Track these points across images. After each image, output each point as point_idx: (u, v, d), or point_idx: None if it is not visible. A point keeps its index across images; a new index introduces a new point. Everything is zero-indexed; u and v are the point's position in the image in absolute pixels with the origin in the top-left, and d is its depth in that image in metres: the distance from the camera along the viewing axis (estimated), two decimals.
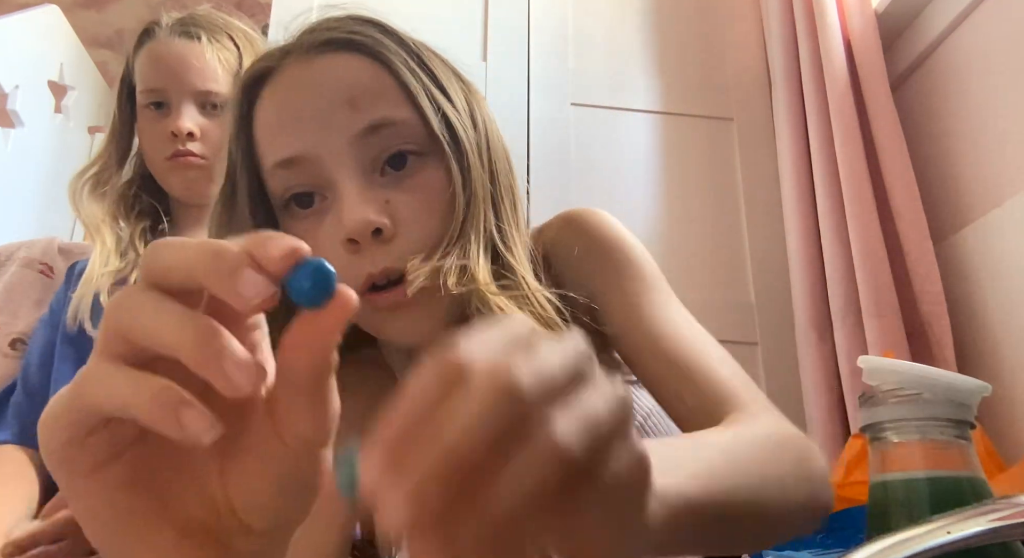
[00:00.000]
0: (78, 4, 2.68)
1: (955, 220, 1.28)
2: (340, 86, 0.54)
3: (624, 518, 0.26)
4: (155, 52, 0.95)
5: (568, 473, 0.22)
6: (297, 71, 0.56)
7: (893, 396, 0.42)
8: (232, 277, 0.24)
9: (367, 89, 0.54)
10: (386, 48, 0.57)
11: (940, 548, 0.29)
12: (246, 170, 0.56)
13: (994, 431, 1.08)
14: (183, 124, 0.90)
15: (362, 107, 0.53)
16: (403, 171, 0.54)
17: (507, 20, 1.75)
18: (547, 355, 0.23)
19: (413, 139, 0.54)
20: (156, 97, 0.93)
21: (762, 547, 0.45)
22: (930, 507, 0.39)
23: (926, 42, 1.36)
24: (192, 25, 0.94)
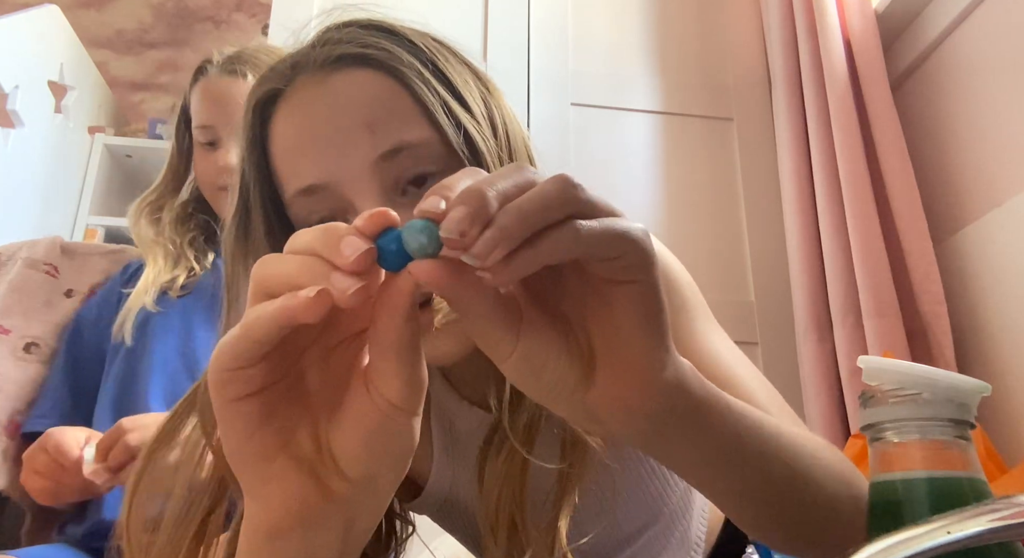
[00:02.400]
0: (78, 4, 2.69)
1: (955, 220, 1.28)
2: (357, 108, 0.53)
3: (651, 333, 0.33)
4: (205, 90, 1.01)
5: (598, 255, 0.31)
6: (311, 91, 0.55)
7: (893, 396, 0.42)
8: (340, 240, 0.30)
9: (385, 111, 0.54)
10: (400, 61, 0.56)
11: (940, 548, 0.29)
12: (260, 193, 0.55)
13: (994, 431, 1.08)
14: (231, 160, 0.97)
15: (380, 131, 0.53)
16: (424, 190, 0.53)
17: (507, 20, 1.75)
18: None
19: (432, 159, 0.54)
20: (208, 135, 1.00)
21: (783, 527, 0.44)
22: (930, 507, 0.39)
23: (926, 42, 1.36)
24: (239, 62, 1.00)
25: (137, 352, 0.95)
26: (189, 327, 0.97)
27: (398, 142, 0.53)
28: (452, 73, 0.60)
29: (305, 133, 0.53)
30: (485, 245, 0.28)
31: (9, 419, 0.95)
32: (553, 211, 0.30)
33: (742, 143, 1.69)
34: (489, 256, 0.28)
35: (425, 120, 0.54)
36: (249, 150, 0.56)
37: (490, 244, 0.28)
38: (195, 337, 0.97)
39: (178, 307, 0.98)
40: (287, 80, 0.56)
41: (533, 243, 0.29)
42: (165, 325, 0.97)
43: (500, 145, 0.59)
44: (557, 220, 0.30)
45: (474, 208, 0.28)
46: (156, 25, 2.82)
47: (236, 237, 0.56)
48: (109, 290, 1.05)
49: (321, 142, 0.53)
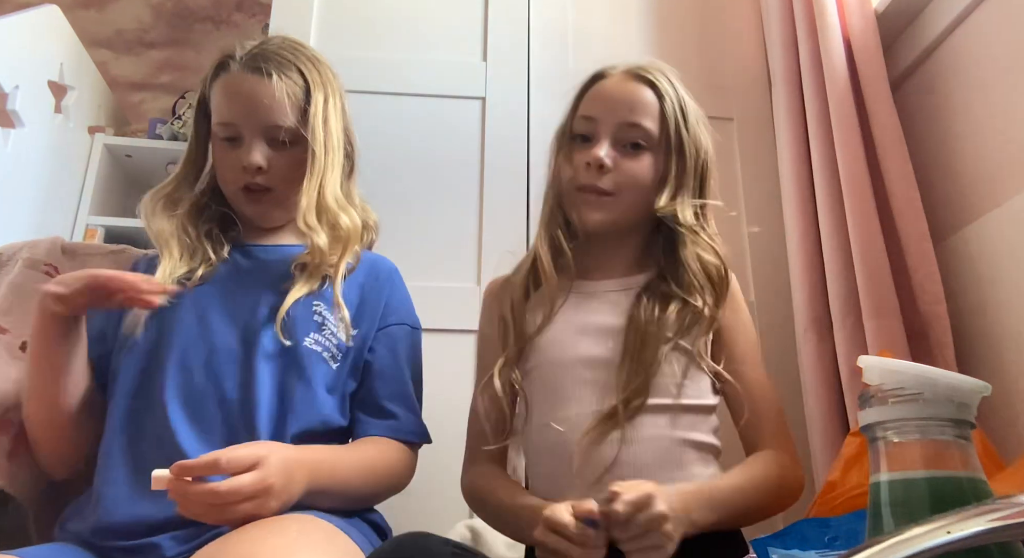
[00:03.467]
0: (78, 4, 2.68)
1: (955, 220, 1.28)
2: (634, 100, 1.00)
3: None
4: (229, 87, 1.00)
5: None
6: (620, 79, 1.03)
7: (893, 396, 0.43)
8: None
9: (645, 105, 1.00)
10: (663, 89, 1.01)
11: (940, 548, 0.29)
12: (568, 121, 1.05)
13: (994, 431, 1.08)
14: (253, 159, 0.98)
15: (638, 113, 0.99)
16: (636, 150, 0.99)
17: (507, 20, 1.75)
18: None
19: (648, 139, 0.99)
20: (230, 132, 1.00)
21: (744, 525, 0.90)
22: (930, 507, 0.39)
23: (926, 42, 1.36)
24: (263, 61, 0.99)
25: (152, 346, 0.94)
26: (205, 319, 0.95)
27: (638, 121, 1.00)
28: (686, 104, 1.03)
29: (609, 96, 1.04)
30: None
31: (3, 415, 0.95)
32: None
33: (742, 143, 1.69)
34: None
35: (659, 118, 1.01)
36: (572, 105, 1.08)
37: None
38: (212, 329, 0.95)
39: (192, 299, 0.96)
40: (606, 73, 1.07)
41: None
42: (181, 318, 0.95)
43: (688, 147, 1.01)
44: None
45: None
46: (156, 25, 2.82)
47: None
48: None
49: (614, 102, 1.02)
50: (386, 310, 1.03)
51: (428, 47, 1.72)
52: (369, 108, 1.63)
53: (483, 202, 1.59)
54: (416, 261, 1.52)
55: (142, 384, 0.93)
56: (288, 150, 1.00)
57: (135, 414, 0.91)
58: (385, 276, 1.07)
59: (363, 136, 1.17)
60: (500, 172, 1.60)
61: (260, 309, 0.96)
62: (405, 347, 1.04)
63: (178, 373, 0.92)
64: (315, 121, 0.99)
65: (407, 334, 1.06)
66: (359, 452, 0.93)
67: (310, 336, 0.95)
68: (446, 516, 1.20)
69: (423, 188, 1.60)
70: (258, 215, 1.04)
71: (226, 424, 0.89)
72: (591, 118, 1.01)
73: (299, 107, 1.00)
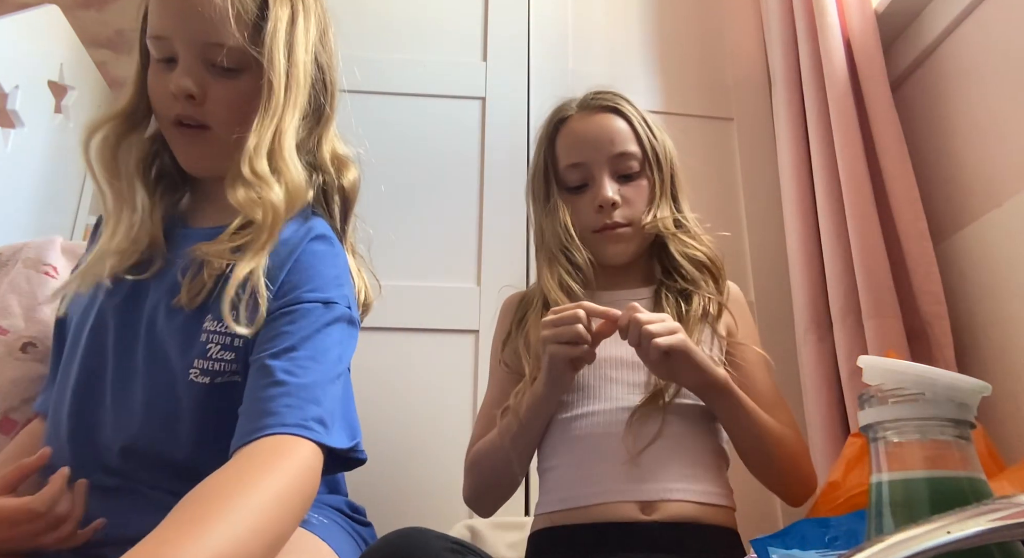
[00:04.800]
0: (78, 4, 2.68)
1: (955, 220, 1.28)
2: (610, 130, 1.04)
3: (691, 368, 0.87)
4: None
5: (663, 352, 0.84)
6: (585, 116, 1.06)
7: (893, 396, 0.43)
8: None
9: (621, 132, 1.04)
10: (627, 111, 1.05)
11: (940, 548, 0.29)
12: (544, 169, 1.06)
13: (994, 431, 1.08)
14: (181, 82, 0.77)
15: (620, 142, 1.03)
16: (631, 179, 1.03)
17: (507, 20, 1.75)
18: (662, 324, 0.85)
19: (638, 163, 1.04)
20: (162, 49, 0.79)
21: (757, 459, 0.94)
22: (930, 507, 0.39)
23: (926, 42, 1.36)
24: None
25: (96, 330, 0.80)
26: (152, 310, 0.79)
27: (624, 151, 1.03)
28: (651, 124, 1.10)
29: (578, 137, 1.06)
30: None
31: (4, 416, 0.95)
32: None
33: (742, 143, 1.69)
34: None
35: (636, 142, 1.04)
36: (543, 145, 1.09)
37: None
38: (156, 324, 0.78)
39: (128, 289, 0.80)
40: (571, 112, 1.08)
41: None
42: (122, 305, 0.80)
43: (665, 160, 1.09)
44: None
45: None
46: None
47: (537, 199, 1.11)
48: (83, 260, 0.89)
49: (587, 143, 1.04)
50: (280, 290, 0.77)
51: (428, 47, 1.72)
52: (369, 108, 1.63)
53: (483, 202, 1.59)
54: (416, 261, 1.52)
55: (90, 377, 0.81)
56: (232, 78, 0.79)
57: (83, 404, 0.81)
58: (291, 248, 0.80)
59: (362, 136, 1.16)
60: (500, 172, 1.60)
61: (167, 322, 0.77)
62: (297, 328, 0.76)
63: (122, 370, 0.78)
64: (273, 42, 0.77)
65: (304, 314, 0.77)
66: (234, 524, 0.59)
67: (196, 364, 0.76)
68: (446, 516, 1.20)
69: (423, 188, 1.60)
70: (191, 160, 0.81)
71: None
72: (579, 164, 1.03)
73: (250, 23, 0.78)
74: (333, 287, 0.79)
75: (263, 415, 0.69)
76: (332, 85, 0.88)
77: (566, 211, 1.02)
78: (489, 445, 0.95)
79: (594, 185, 1.01)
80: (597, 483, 0.88)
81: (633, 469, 0.87)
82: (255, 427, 0.68)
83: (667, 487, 0.87)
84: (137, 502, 0.75)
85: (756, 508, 1.42)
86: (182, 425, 0.75)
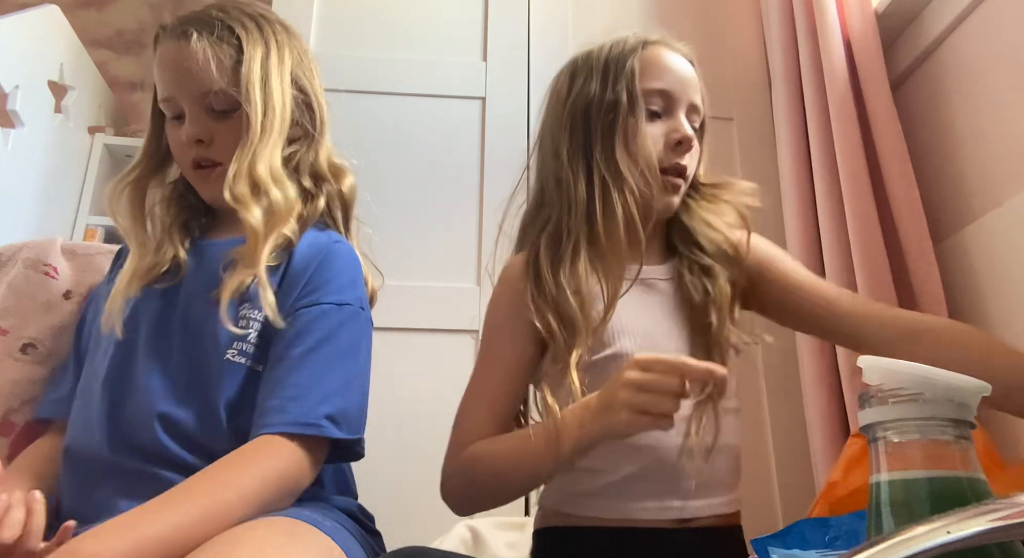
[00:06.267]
0: (78, 4, 2.68)
1: (955, 220, 1.28)
2: (694, 78, 0.95)
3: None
4: (160, 60, 0.92)
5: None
6: (674, 52, 0.95)
7: (893, 396, 0.42)
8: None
9: (696, 83, 0.95)
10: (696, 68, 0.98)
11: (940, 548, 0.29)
12: (627, 87, 0.90)
13: (994, 431, 1.08)
14: (189, 131, 0.89)
15: (699, 95, 0.95)
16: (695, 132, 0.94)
17: (507, 20, 1.75)
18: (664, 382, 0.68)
19: (699, 119, 0.95)
20: (171, 108, 0.92)
21: None
22: (930, 507, 0.39)
23: (926, 42, 1.36)
24: (189, 23, 0.90)
25: (127, 342, 0.87)
26: (183, 314, 0.88)
27: (699, 101, 0.97)
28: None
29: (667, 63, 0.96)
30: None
31: (3, 418, 0.95)
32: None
33: (742, 143, 1.69)
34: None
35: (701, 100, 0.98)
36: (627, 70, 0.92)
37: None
38: (190, 316, 0.87)
39: (160, 294, 0.89)
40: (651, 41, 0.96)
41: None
42: (151, 312, 0.88)
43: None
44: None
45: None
46: (156, 25, 2.82)
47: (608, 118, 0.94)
48: (105, 280, 1.01)
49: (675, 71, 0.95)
50: (300, 292, 0.87)
51: (428, 47, 1.72)
52: (369, 108, 1.63)
53: (483, 202, 1.59)
54: (416, 261, 1.52)
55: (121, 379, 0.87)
56: (229, 118, 0.90)
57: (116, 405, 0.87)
58: (313, 254, 0.90)
59: (363, 136, 1.17)
60: (500, 172, 1.60)
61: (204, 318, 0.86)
62: (315, 328, 0.85)
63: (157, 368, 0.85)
64: (249, 79, 0.88)
65: (321, 314, 0.86)
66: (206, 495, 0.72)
67: (234, 345, 0.84)
68: (446, 517, 1.20)
69: (423, 188, 1.60)
70: (212, 194, 0.92)
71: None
72: (665, 92, 0.91)
73: (230, 67, 0.89)
74: (348, 289, 0.88)
75: (270, 412, 0.78)
76: (319, 105, 0.98)
77: (636, 140, 0.88)
78: (503, 463, 0.81)
79: (672, 119, 0.90)
80: (638, 498, 0.81)
81: (678, 483, 0.81)
82: (261, 423, 0.78)
83: (712, 502, 0.82)
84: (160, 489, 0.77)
85: (756, 508, 1.42)
86: (216, 404, 0.82)
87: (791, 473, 1.46)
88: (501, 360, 0.88)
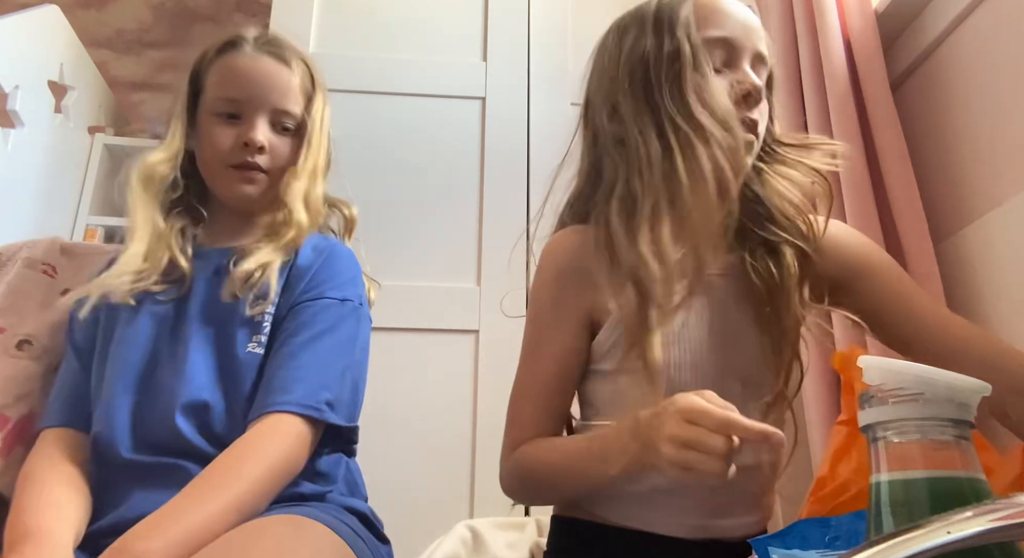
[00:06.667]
0: (78, 4, 2.68)
1: (955, 220, 1.28)
2: (758, 25, 0.83)
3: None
4: (242, 64, 1.00)
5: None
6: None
7: (893, 396, 0.43)
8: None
9: (760, 32, 0.83)
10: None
11: (940, 548, 0.29)
12: (687, 41, 0.80)
13: (994, 430, 1.08)
14: (257, 136, 0.96)
15: (760, 41, 0.83)
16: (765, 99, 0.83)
17: (507, 20, 1.75)
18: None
19: (767, 74, 0.84)
20: (232, 108, 0.98)
21: None
22: (930, 507, 0.39)
23: (926, 42, 1.36)
24: (280, 47, 1.02)
25: (102, 346, 0.92)
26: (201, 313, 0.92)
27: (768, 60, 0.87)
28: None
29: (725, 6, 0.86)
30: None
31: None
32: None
33: None
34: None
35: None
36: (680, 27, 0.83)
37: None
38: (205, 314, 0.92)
39: (170, 297, 0.93)
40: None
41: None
42: (165, 314, 0.92)
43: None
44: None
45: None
46: (156, 25, 2.82)
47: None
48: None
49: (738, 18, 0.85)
50: (306, 286, 0.94)
51: (428, 47, 1.72)
52: (369, 108, 1.63)
53: (483, 202, 1.59)
54: (416, 261, 1.52)
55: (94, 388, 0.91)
56: (287, 136, 1.01)
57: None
58: (318, 254, 0.98)
59: (363, 136, 1.17)
60: (500, 172, 1.60)
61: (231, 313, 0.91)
62: (319, 320, 0.92)
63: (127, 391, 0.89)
64: (316, 115, 1.02)
65: (324, 307, 0.93)
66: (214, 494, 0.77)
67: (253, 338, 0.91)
68: (447, 516, 1.20)
69: (423, 188, 1.60)
70: (246, 195, 0.98)
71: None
72: (727, 40, 0.81)
73: (306, 98, 1.02)
74: (350, 286, 0.96)
75: (275, 391, 0.84)
76: (331, 145, 1.10)
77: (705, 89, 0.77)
78: (556, 473, 0.78)
79: (737, 70, 0.80)
80: (662, 510, 0.77)
81: (714, 503, 0.77)
82: (267, 402, 0.83)
83: (741, 522, 0.79)
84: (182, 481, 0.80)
85: None
86: (240, 394, 0.88)
87: (791, 472, 1.46)
88: (550, 352, 0.82)
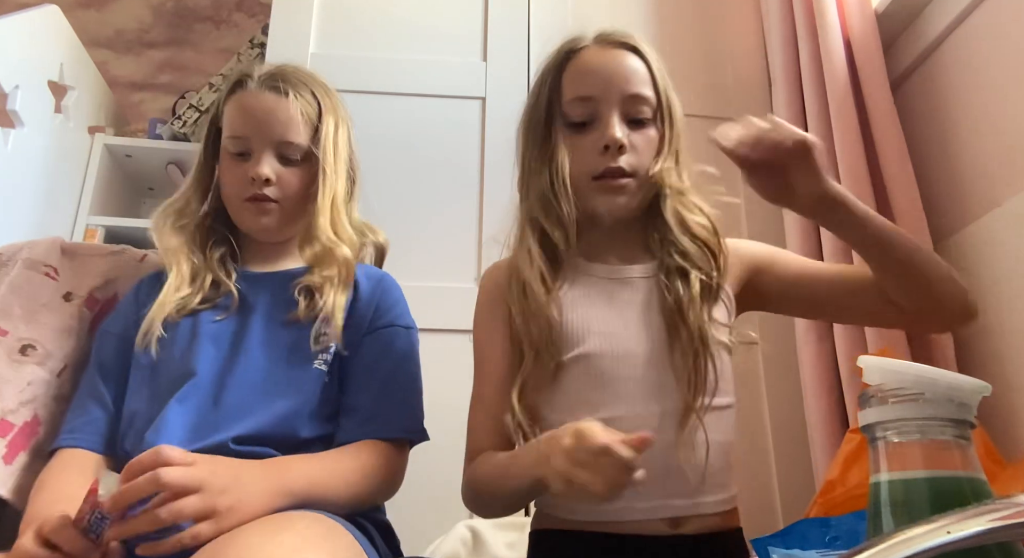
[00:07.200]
0: (78, 4, 2.68)
1: (955, 220, 1.28)
2: (627, 69, 0.92)
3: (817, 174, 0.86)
4: (245, 103, 1.03)
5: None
6: (601, 50, 0.96)
7: (894, 396, 0.43)
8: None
9: (638, 73, 0.92)
10: (646, 53, 0.95)
11: (940, 548, 0.29)
12: (546, 104, 0.95)
13: (994, 431, 1.08)
14: (262, 171, 1.00)
15: (636, 83, 0.91)
16: (641, 126, 0.91)
17: (507, 20, 1.75)
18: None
19: (651, 110, 0.92)
20: (240, 146, 1.02)
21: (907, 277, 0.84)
22: (930, 507, 0.39)
23: (926, 42, 1.36)
24: (281, 80, 1.04)
25: (160, 365, 0.94)
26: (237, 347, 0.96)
27: (638, 92, 0.92)
28: (664, 69, 0.98)
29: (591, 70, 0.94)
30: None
31: (1, 418, 0.94)
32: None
33: None
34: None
35: (652, 86, 0.93)
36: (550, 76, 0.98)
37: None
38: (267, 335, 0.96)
39: (224, 319, 0.98)
40: (583, 44, 0.98)
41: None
42: (218, 335, 0.96)
43: (675, 114, 0.98)
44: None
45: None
46: (156, 25, 2.82)
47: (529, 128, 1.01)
48: (127, 307, 1.03)
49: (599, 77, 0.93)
50: (375, 315, 1.02)
51: (428, 47, 1.72)
52: (369, 108, 1.63)
53: (483, 202, 1.59)
54: (416, 261, 1.52)
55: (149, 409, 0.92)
56: (296, 166, 1.03)
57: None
58: (374, 283, 1.06)
59: (363, 136, 1.17)
60: (500, 172, 1.60)
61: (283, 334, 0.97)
62: (395, 348, 1.02)
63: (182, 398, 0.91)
64: (326, 142, 1.04)
65: (395, 335, 1.03)
66: (331, 458, 0.90)
67: (319, 356, 0.97)
68: (446, 516, 1.20)
69: (423, 188, 1.60)
70: (262, 227, 1.03)
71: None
72: (588, 98, 0.91)
73: (311, 127, 1.04)
74: (408, 313, 1.07)
75: (373, 419, 0.93)
76: (356, 171, 1.13)
77: (565, 153, 0.90)
78: (496, 484, 0.84)
79: (600, 124, 0.89)
80: (625, 499, 0.76)
81: (667, 482, 0.80)
82: (366, 431, 0.92)
83: (700, 501, 0.81)
84: None
85: (756, 508, 1.42)
86: (307, 409, 0.93)
87: (791, 472, 1.46)
88: (492, 367, 0.92)
